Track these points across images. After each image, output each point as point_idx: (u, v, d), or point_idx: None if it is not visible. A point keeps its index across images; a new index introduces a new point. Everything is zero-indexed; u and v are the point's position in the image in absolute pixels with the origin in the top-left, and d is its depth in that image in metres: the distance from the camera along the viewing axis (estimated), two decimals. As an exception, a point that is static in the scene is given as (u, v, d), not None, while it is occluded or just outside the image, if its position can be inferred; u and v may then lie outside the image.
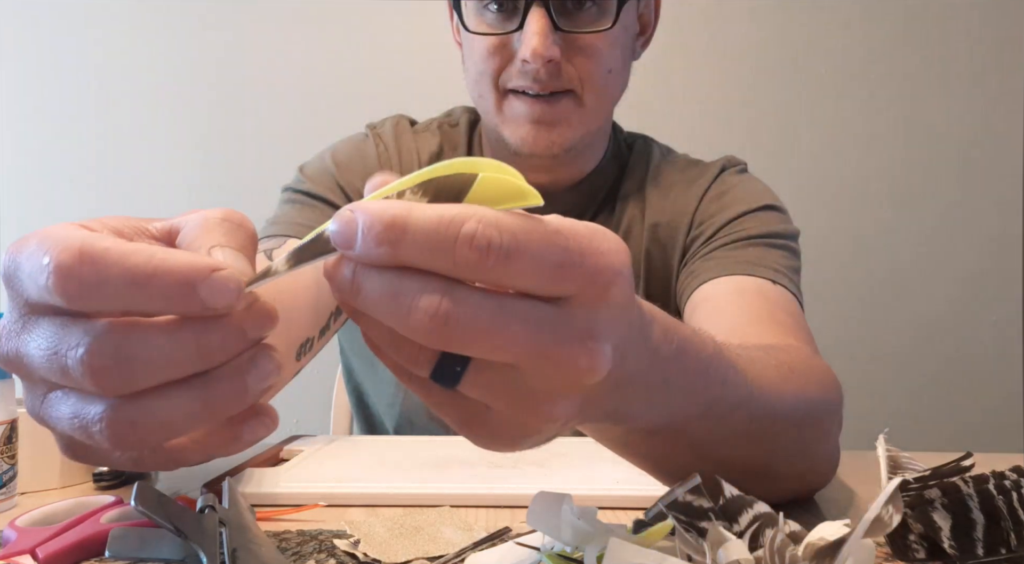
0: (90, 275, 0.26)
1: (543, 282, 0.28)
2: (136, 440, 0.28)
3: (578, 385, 0.30)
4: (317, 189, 0.83)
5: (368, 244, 0.27)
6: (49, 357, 0.28)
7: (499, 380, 0.29)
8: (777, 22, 1.82)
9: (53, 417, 0.29)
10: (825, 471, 0.57)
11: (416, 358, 0.29)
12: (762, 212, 0.83)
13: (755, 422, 0.47)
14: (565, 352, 0.28)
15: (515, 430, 0.32)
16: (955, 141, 1.82)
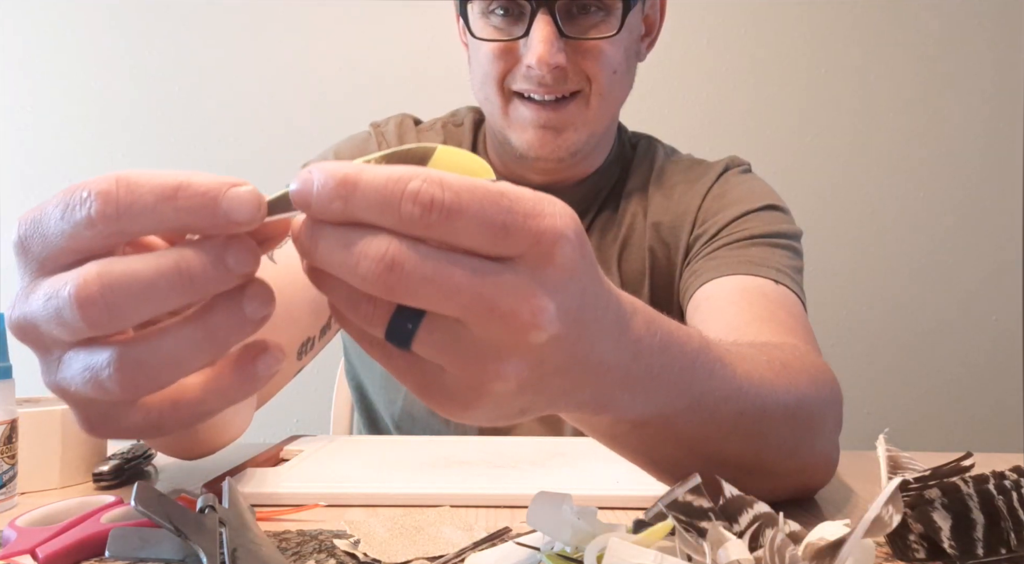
0: (126, 195, 0.28)
1: (486, 240, 0.29)
2: (146, 380, 0.29)
3: (524, 343, 0.30)
4: None
5: (322, 199, 0.28)
6: (45, 304, 0.29)
7: (449, 337, 0.30)
8: (778, 22, 1.82)
9: (68, 379, 0.30)
10: (821, 469, 0.56)
11: (371, 316, 0.30)
12: (765, 212, 0.83)
13: (744, 416, 0.47)
14: (507, 304, 0.29)
15: (468, 392, 0.32)
16: (955, 141, 1.82)
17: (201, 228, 0.29)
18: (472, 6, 0.79)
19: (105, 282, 0.28)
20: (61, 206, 0.29)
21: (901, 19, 1.81)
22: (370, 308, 0.30)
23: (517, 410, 0.34)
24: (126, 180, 0.28)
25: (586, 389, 0.36)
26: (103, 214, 0.28)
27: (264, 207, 0.29)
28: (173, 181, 0.28)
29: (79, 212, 0.28)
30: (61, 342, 0.30)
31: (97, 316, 0.28)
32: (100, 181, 0.28)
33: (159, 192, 0.28)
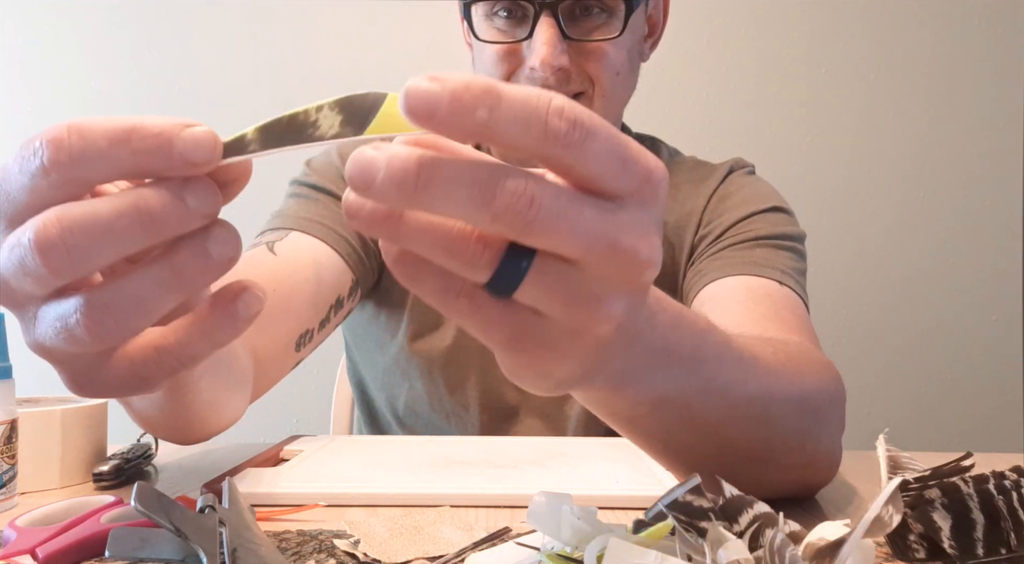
0: (78, 141, 0.28)
1: (612, 169, 0.28)
2: (115, 324, 0.29)
3: (636, 281, 0.30)
4: (323, 182, 0.84)
5: (462, 107, 0.25)
6: (10, 255, 0.28)
7: (559, 277, 0.29)
8: (779, 22, 1.82)
9: (44, 334, 0.30)
10: (825, 466, 0.57)
11: (478, 259, 0.28)
12: (770, 213, 0.84)
13: (754, 402, 0.48)
14: (628, 241, 0.29)
15: (567, 338, 0.31)
16: (956, 142, 1.82)
17: (157, 170, 0.28)
18: (475, 8, 0.79)
19: (64, 225, 0.27)
20: (18, 160, 0.29)
21: (902, 19, 1.81)
22: (479, 249, 0.28)
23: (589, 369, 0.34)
24: (77, 126, 0.28)
25: (621, 356, 0.36)
26: (55, 161, 0.28)
27: (220, 147, 0.28)
28: (126, 124, 0.28)
29: (33, 162, 0.28)
30: (33, 297, 0.30)
31: (58, 260, 0.28)
32: (51, 129, 0.28)
33: (111, 136, 0.27)
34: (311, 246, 0.77)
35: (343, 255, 0.79)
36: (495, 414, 0.87)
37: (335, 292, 0.77)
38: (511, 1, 0.76)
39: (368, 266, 0.84)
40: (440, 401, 0.88)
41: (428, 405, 0.88)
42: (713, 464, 0.49)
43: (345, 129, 0.28)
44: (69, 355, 0.31)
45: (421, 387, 0.88)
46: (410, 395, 0.89)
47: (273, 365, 0.68)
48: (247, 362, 0.60)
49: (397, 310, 0.88)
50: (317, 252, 0.77)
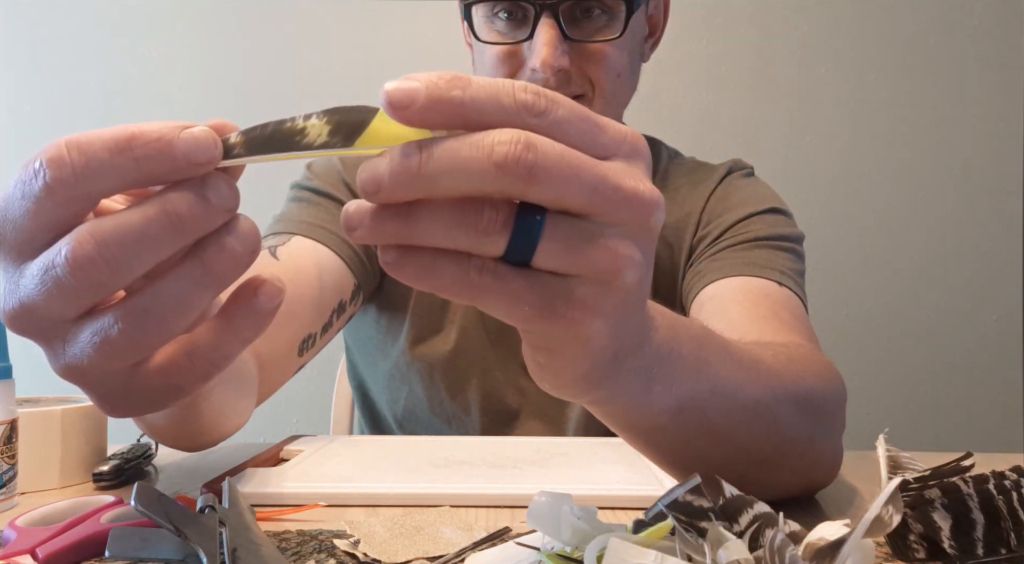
0: (78, 156, 0.27)
1: (587, 133, 0.30)
2: (156, 327, 0.29)
3: (646, 224, 0.31)
4: (324, 186, 0.84)
5: (439, 89, 0.27)
6: (42, 280, 0.28)
7: (575, 232, 0.30)
8: (778, 22, 1.82)
9: (77, 355, 0.30)
10: (829, 466, 0.57)
11: (491, 226, 0.29)
12: (768, 215, 0.84)
13: (761, 405, 0.48)
14: (630, 184, 0.30)
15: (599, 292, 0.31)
16: (955, 142, 1.82)
17: (162, 175, 0.28)
18: (476, 9, 0.79)
19: (99, 239, 0.28)
20: (19, 185, 0.28)
21: (901, 19, 1.81)
22: (492, 214, 0.29)
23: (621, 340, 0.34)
24: (75, 141, 0.28)
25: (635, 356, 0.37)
26: (59, 179, 0.28)
27: (220, 144, 0.28)
28: (125, 132, 0.28)
29: (35, 184, 0.28)
30: (62, 321, 0.30)
31: (98, 274, 0.28)
32: (49, 148, 0.28)
33: (112, 146, 0.27)
34: (314, 250, 0.77)
35: (345, 259, 0.79)
36: (496, 417, 0.87)
37: (337, 296, 0.78)
38: (512, 2, 0.76)
39: (370, 270, 0.84)
40: (441, 404, 0.88)
41: (429, 408, 0.88)
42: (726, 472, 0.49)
43: (333, 140, 0.28)
44: (102, 374, 0.31)
45: (422, 390, 0.88)
46: (411, 398, 0.89)
47: (276, 370, 0.68)
48: (252, 367, 0.60)
49: (399, 314, 0.88)
50: (320, 256, 0.77)
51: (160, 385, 0.31)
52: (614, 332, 0.33)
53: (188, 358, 0.31)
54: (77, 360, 0.30)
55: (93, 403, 0.32)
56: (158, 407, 0.32)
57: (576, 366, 0.34)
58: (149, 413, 0.33)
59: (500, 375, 0.87)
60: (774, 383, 0.49)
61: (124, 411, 0.32)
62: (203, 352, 0.31)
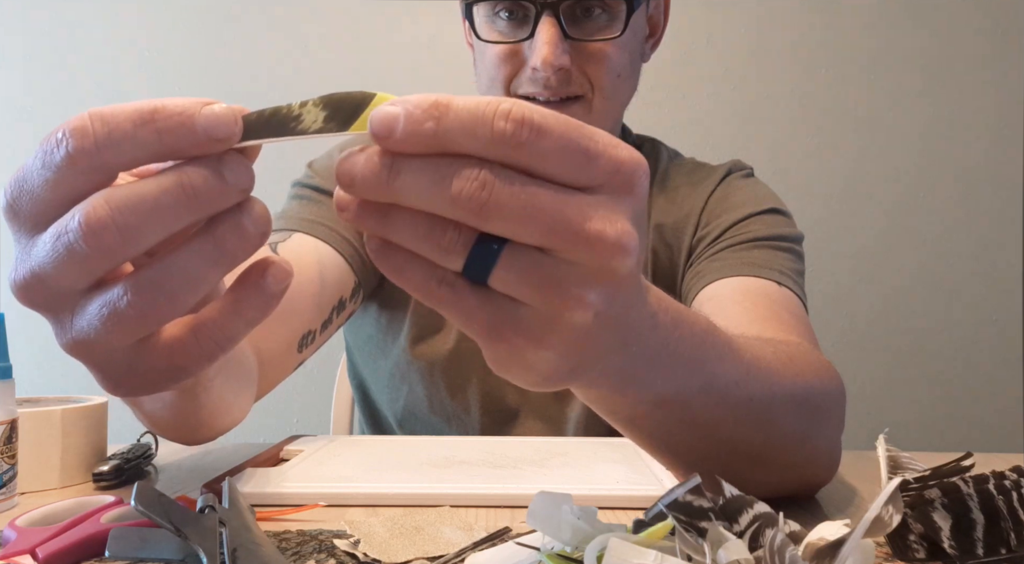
0: (101, 127, 0.28)
1: (571, 165, 0.29)
2: (165, 301, 0.29)
3: (608, 269, 0.31)
4: (325, 184, 0.85)
5: (414, 120, 0.28)
6: (54, 246, 0.28)
7: (531, 264, 0.30)
8: (780, 23, 1.82)
9: (84, 328, 0.30)
10: (825, 466, 0.57)
11: (453, 244, 0.30)
12: (768, 215, 0.84)
13: (754, 402, 0.48)
14: (594, 226, 0.29)
15: (543, 325, 0.31)
16: (956, 142, 1.82)
17: (182, 149, 0.28)
18: (477, 9, 0.79)
19: (113, 205, 0.28)
20: (40, 155, 0.29)
21: (902, 19, 1.81)
22: (454, 235, 0.29)
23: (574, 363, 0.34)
24: (99, 113, 0.28)
25: (620, 354, 0.37)
26: (81, 149, 0.28)
27: (240, 122, 0.29)
28: (148, 105, 0.28)
29: (57, 154, 0.28)
30: (72, 292, 0.30)
31: (110, 240, 0.28)
32: (73, 119, 0.28)
33: (135, 118, 0.28)
34: (314, 247, 0.77)
35: (346, 257, 0.79)
36: (496, 417, 0.87)
37: (338, 293, 0.78)
38: (513, 1, 0.76)
39: (370, 268, 0.84)
40: (441, 403, 0.88)
41: (429, 407, 0.88)
42: (714, 463, 0.49)
43: (329, 125, 0.29)
44: (108, 350, 0.31)
45: (422, 390, 0.88)
46: (411, 397, 0.89)
47: (275, 366, 0.68)
48: (253, 361, 0.60)
49: (399, 313, 0.88)
50: (320, 253, 0.77)
51: (164, 364, 0.31)
52: (567, 362, 0.33)
53: (193, 337, 0.31)
54: (84, 334, 0.30)
55: (97, 381, 0.32)
56: (161, 387, 0.32)
57: (525, 376, 0.34)
58: (151, 393, 0.33)
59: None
60: (772, 380, 0.49)
61: (127, 390, 0.32)
62: (208, 332, 0.31)
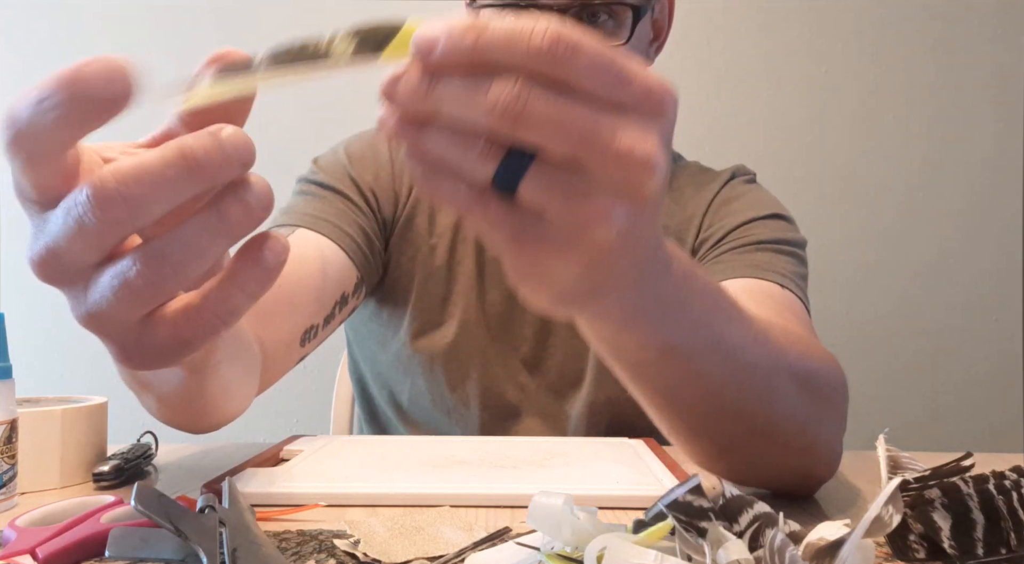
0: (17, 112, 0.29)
1: (604, 84, 0.30)
2: (172, 271, 0.30)
3: (635, 187, 0.32)
4: (329, 181, 0.85)
5: (453, 37, 0.29)
6: (65, 220, 0.29)
7: (559, 177, 0.31)
8: (780, 24, 1.82)
9: (98, 299, 0.31)
10: (825, 460, 0.57)
11: (485, 155, 0.31)
12: (771, 219, 0.84)
13: (759, 369, 0.49)
14: (625, 143, 0.30)
15: (567, 237, 0.33)
16: (956, 143, 1.82)
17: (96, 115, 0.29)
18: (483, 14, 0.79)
19: (119, 177, 0.29)
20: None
21: (903, 19, 1.81)
22: (487, 146, 0.31)
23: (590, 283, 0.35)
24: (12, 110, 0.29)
25: (634, 289, 0.38)
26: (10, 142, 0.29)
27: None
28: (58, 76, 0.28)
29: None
30: (84, 266, 0.31)
31: (118, 211, 0.29)
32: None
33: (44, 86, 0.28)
34: (317, 243, 0.77)
35: (348, 252, 0.79)
36: (496, 412, 0.87)
37: (340, 289, 0.78)
38: (518, 7, 0.76)
39: (373, 264, 0.84)
40: (441, 397, 0.88)
41: (430, 401, 0.89)
42: (715, 429, 0.50)
43: (360, 53, 0.30)
44: (120, 323, 0.32)
45: (423, 383, 0.88)
46: (412, 392, 0.90)
47: (278, 359, 0.69)
48: (257, 351, 0.60)
49: (400, 307, 0.88)
50: (323, 249, 0.77)
51: (171, 337, 0.32)
52: (580, 276, 0.35)
53: (196, 311, 0.32)
54: (98, 306, 0.31)
55: (111, 354, 0.34)
56: (170, 361, 0.34)
57: (542, 289, 0.36)
58: (161, 366, 0.34)
59: (500, 371, 0.88)
60: (777, 354, 0.50)
61: (139, 362, 0.34)
62: (211, 305, 0.32)
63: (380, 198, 0.86)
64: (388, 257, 0.88)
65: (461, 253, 0.88)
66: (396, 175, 0.88)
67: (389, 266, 0.88)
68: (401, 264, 0.87)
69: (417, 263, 0.87)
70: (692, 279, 0.43)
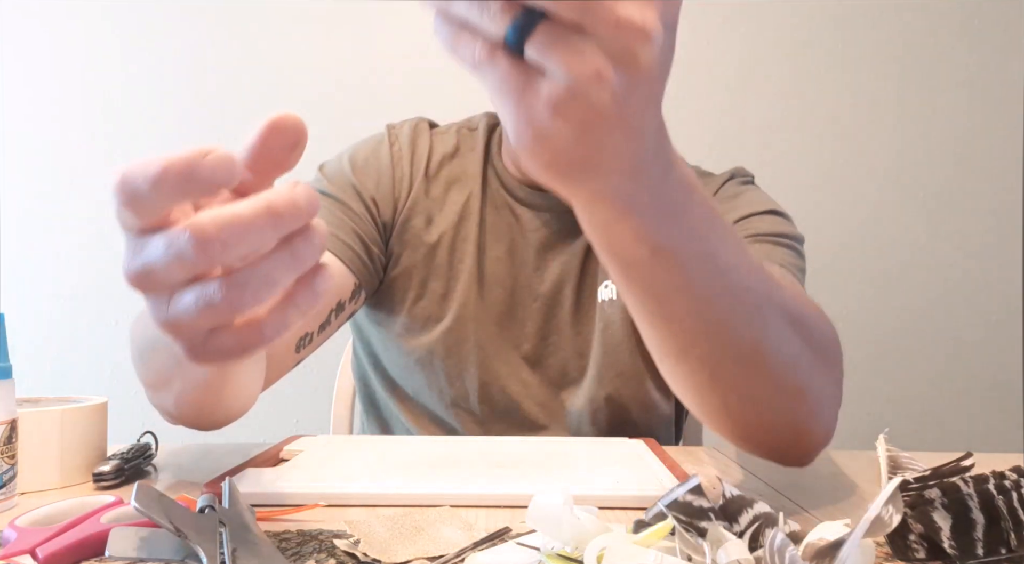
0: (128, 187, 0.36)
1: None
2: (249, 297, 0.36)
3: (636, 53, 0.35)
4: (331, 190, 0.87)
5: None
6: (166, 250, 0.36)
7: (564, 36, 0.34)
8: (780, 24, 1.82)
9: (181, 310, 0.37)
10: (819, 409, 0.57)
11: (498, 14, 0.35)
12: (768, 215, 0.85)
13: (751, 293, 0.50)
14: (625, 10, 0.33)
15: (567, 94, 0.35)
16: (953, 141, 1.82)
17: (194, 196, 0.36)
18: None
19: (218, 224, 0.35)
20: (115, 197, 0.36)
21: (902, 19, 1.81)
22: (503, 5, 0.34)
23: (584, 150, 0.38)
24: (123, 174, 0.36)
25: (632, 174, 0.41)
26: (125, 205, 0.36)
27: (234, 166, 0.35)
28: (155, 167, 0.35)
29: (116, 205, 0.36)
30: (175, 283, 0.37)
31: (213, 251, 0.35)
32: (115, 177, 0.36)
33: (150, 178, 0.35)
34: None
35: (346, 261, 0.81)
36: (495, 405, 0.89)
37: (336, 296, 0.80)
38: None
39: (371, 269, 0.86)
40: (440, 392, 0.89)
41: (431, 396, 0.90)
42: (703, 348, 0.51)
43: None
44: (195, 329, 0.38)
45: (423, 378, 0.90)
46: (414, 387, 0.91)
47: (274, 364, 0.70)
48: (263, 354, 0.62)
49: (400, 304, 0.90)
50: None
51: (235, 343, 0.38)
52: (575, 138, 0.37)
53: (259, 325, 0.39)
54: (179, 316, 0.37)
55: (181, 351, 0.39)
56: (227, 360, 0.39)
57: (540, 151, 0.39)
58: (221, 363, 0.40)
59: (501, 366, 0.89)
60: (770, 286, 0.52)
61: (205, 360, 0.39)
62: (272, 320, 0.39)
63: (380, 204, 0.89)
64: (388, 258, 0.90)
65: (461, 251, 0.89)
66: (396, 180, 0.90)
67: (388, 266, 0.90)
68: (400, 263, 0.89)
69: (417, 262, 0.89)
70: (692, 191, 0.45)
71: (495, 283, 0.89)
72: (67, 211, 1.80)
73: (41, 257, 1.79)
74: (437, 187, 0.90)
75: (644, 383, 0.87)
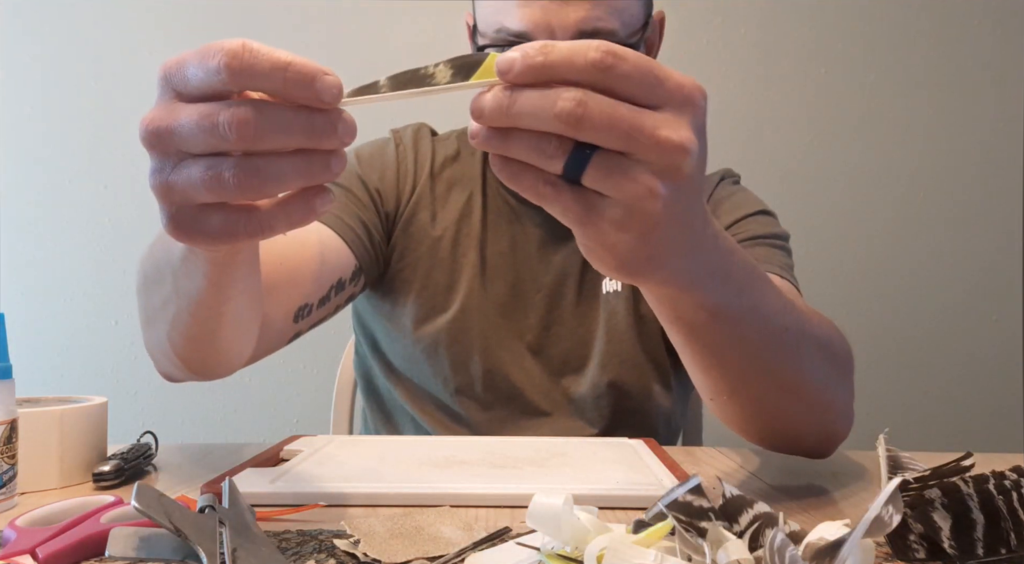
0: (248, 57, 0.37)
1: (644, 86, 0.38)
2: (257, 183, 0.38)
3: (675, 166, 0.39)
4: (341, 180, 0.89)
5: (528, 55, 0.38)
6: (200, 121, 0.37)
7: (615, 165, 0.39)
8: (779, 25, 1.82)
9: (181, 179, 0.39)
10: (842, 416, 0.64)
11: (556, 150, 0.39)
12: (760, 216, 0.90)
13: (789, 333, 0.56)
14: (664, 133, 0.39)
15: (624, 213, 0.40)
16: (955, 142, 1.82)
17: (296, 97, 0.37)
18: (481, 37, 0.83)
19: (259, 111, 0.37)
20: (198, 56, 0.38)
21: (901, 20, 1.81)
22: (556, 143, 0.39)
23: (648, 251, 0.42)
24: (250, 46, 0.37)
25: (687, 258, 0.45)
26: (229, 66, 0.37)
27: (342, 95, 0.38)
28: (285, 58, 0.37)
29: (211, 62, 0.37)
30: (185, 151, 0.39)
31: (248, 134, 0.37)
32: (229, 42, 0.37)
33: (273, 62, 0.37)
34: (318, 230, 0.82)
35: (347, 241, 0.84)
36: (499, 394, 0.90)
37: (337, 273, 0.82)
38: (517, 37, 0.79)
39: (372, 254, 0.88)
40: (445, 380, 0.90)
41: (435, 384, 0.91)
42: (752, 388, 0.58)
43: (456, 78, 0.39)
44: (185, 199, 0.39)
45: (427, 368, 0.91)
46: (419, 377, 0.92)
47: (272, 330, 0.72)
48: (259, 305, 0.62)
49: (404, 297, 0.92)
50: (323, 235, 0.81)
51: (217, 227, 0.40)
52: (639, 244, 0.42)
53: (247, 213, 0.40)
54: (179, 180, 0.39)
55: (162, 220, 0.40)
56: (206, 242, 0.41)
57: (608, 258, 0.43)
58: (196, 244, 0.41)
59: (505, 355, 0.90)
60: (802, 320, 0.58)
61: (184, 235, 0.41)
62: (259, 215, 0.40)
63: (384, 196, 0.91)
64: (392, 251, 0.92)
65: (465, 246, 0.91)
66: (401, 175, 0.93)
67: (392, 259, 0.91)
68: (405, 257, 0.91)
69: (421, 255, 0.91)
70: (734, 252, 0.51)
71: (498, 276, 0.91)
72: (67, 211, 1.80)
73: (41, 257, 1.79)
74: (440, 186, 0.93)
75: (646, 373, 0.90)
